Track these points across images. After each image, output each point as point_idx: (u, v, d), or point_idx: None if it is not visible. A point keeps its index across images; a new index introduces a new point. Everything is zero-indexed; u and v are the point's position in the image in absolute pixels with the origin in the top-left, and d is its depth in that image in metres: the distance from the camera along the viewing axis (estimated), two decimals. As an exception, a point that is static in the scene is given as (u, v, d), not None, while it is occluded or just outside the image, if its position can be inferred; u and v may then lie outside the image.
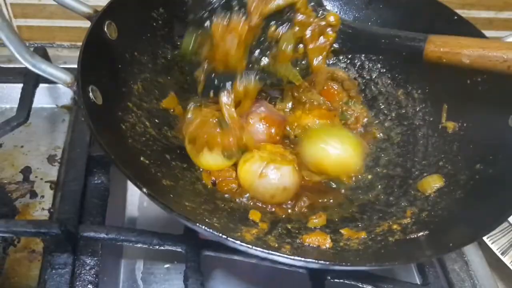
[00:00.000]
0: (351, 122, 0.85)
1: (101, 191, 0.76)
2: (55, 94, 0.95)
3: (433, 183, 0.72)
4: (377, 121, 0.86)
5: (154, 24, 0.78)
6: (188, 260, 0.67)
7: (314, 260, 0.53)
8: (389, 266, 0.65)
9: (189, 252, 0.68)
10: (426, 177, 0.74)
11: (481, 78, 0.74)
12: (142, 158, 0.66)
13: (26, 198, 0.81)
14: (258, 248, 0.52)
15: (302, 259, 0.53)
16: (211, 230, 0.52)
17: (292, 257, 0.52)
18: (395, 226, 0.67)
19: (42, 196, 0.81)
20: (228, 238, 0.52)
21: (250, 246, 0.52)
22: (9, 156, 0.86)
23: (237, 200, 0.71)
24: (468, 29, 0.77)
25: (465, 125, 0.76)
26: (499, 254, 0.80)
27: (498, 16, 1.12)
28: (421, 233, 0.65)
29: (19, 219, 0.76)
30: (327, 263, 0.54)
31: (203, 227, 0.52)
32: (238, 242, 0.52)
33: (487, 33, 0.76)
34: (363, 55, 0.90)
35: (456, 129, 0.76)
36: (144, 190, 0.53)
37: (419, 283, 0.77)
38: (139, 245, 0.68)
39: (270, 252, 0.52)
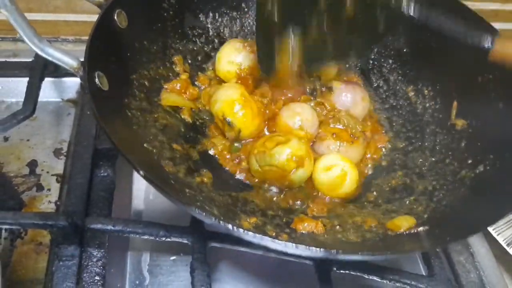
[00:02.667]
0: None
1: (107, 184, 0.75)
2: (61, 88, 0.95)
3: None
4: (385, 116, 0.86)
5: (165, 14, 0.79)
6: (194, 252, 0.67)
7: (306, 247, 0.52)
8: (380, 257, 0.64)
9: (196, 244, 0.68)
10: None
11: (492, 76, 0.74)
12: (145, 145, 0.66)
13: (33, 191, 0.81)
14: (250, 233, 0.51)
15: (295, 245, 0.51)
16: (204, 214, 0.52)
17: (284, 243, 0.51)
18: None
19: (49, 189, 0.82)
20: (220, 222, 0.51)
21: (243, 231, 0.51)
22: (15, 150, 0.86)
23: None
24: (482, 26, 0.76)
25: (474, 122, 0.76)
26: (505, 246, 0.80)
27: (504, 8, 1.11)
28: (421, 228, 0.65)
29: (26, 211, 0.77)
30: (320, 249, 0.52)
31: (197, 210, 0.52)
32: (230, 225, 0.51)
33: (493, 25, 0.75)
34: (375, 50, 0.89)
35: (465, 127, 0.76)
36: (141, 172, 0.53)
37: (424, 274, 0.77)
38: (145, 237, 0.68)
39: (264, 237, 0.51)
